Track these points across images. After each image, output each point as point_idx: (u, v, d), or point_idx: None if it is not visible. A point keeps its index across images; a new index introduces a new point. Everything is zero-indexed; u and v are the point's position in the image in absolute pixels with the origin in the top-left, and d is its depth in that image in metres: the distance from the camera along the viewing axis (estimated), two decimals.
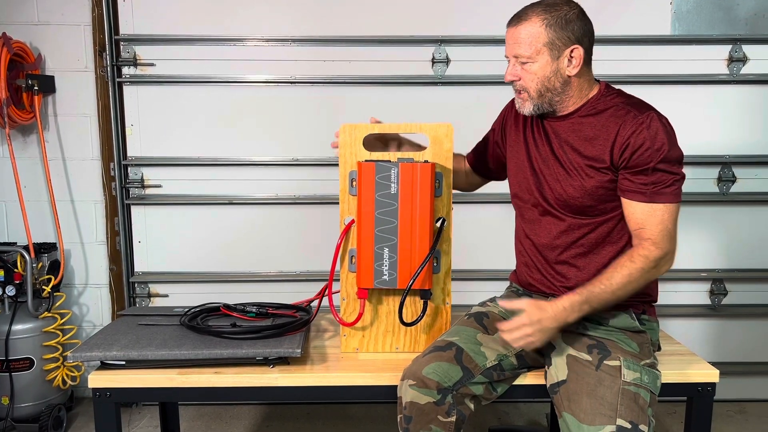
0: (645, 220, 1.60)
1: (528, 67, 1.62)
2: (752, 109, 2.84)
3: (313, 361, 1.80)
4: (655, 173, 1.58)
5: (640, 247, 1.59)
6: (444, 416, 1.56)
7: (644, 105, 1.64)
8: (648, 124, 1.58)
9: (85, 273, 2.97)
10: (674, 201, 1.60)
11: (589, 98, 1.68)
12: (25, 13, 2.78)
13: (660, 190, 1.59)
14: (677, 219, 1.61)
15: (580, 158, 1.65)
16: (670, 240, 1.59)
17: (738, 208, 2.92)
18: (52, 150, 2.86)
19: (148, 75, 2.81)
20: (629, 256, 1.59)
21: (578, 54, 1.61)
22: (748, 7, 2.79)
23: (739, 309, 2.96)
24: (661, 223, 1.58)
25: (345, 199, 1.84)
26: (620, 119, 1.61)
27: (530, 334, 1.53)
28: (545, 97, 1.65)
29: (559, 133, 1.70)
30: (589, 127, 1.65)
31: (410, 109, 2.81)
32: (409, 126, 1.83)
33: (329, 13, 2.78)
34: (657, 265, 1.58)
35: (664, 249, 1.58)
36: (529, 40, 1.60)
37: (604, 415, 1.48)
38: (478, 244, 2.80)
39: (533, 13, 1.60)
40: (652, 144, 1.57)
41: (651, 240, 1.58)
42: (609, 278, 1.57)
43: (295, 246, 2.91)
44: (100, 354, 1.71)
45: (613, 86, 1.71)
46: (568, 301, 1.55)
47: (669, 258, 1.60)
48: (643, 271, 1.57)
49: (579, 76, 1.64)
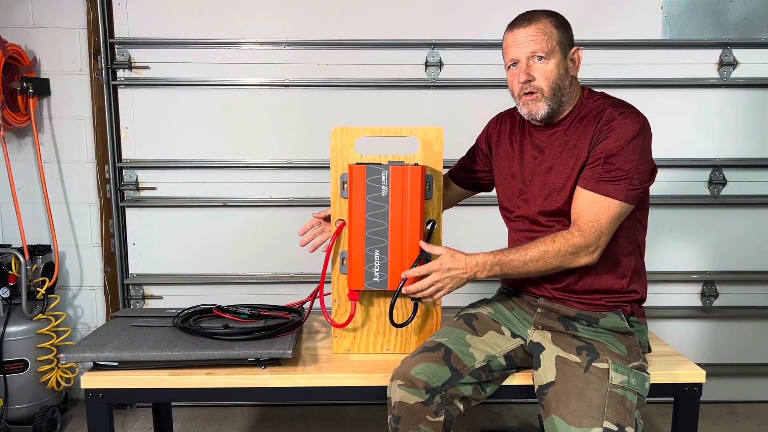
0: (582, 208, 1.61)
1: (544, 64, 1.64)
2: (743, 112, 2.87)
3: (305, 362, 1.82)
4: (607, 164, 1.59)
5: (566, 231, 1.61)
6: (432, 416, 1.58)
7: (625, 104, 1.67)
8: (620, 118, 1.60)
9: (80, 275, 2.98)
10: (616, 197, 1.58)
11: (576, 103, 1.71)
12: (20, 16, 2.79)
13: (605, 181, 1.59)
14: (615, 218, 1.60)
15: (566, 167, 1.68)
16: (597, 234, 1.59)
17: (729, 211, 2.94)
18: (46, 152, 2.87)
19: (143, 78, 2.83)
20: (552, 236, 1.62)
21: (580, 55, 1.68)
22: (739, 11, 2.81)
23: (731, 311, 2.98)
24: (594, 215, 1.59)
25: (336, 202, 1.86)
26: (599, 116, 1.64)
27: (439, 281, 1.64)
28: (557, 96, 1.66)
29: (545, 141, 1.73)
30: (574, 132, 1.68)
31: (403, 112, 2.83)
32: (400, 129, 1.85)
33: (323, 17, 2.80)
34: (575, 252, 1.59)
35: (587, 240, 1.59)
36: (546, 38, 1.63)
37: (592, 417, 1.49)
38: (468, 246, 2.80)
39: (540, 15, 1.65)
40: (616, 137, 1.58)
41: (578, 227, 1.60)
42: (525, 249, 1.62)
43: (289, 248, 2.91)
44: (93, 355, 1.73)
45: (595, 90, 1.75)
46: (482, 259, 1.64)
47: (591, 251, 1.60)
48: (559, 254, 1.59)
49: (576, 79, 1.70)
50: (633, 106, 1.66)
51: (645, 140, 1.60)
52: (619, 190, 1.58)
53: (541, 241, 1.63)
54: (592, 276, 1.69)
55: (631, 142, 1.58)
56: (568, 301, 1.71)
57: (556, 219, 1.70)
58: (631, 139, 1.58)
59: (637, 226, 1.73)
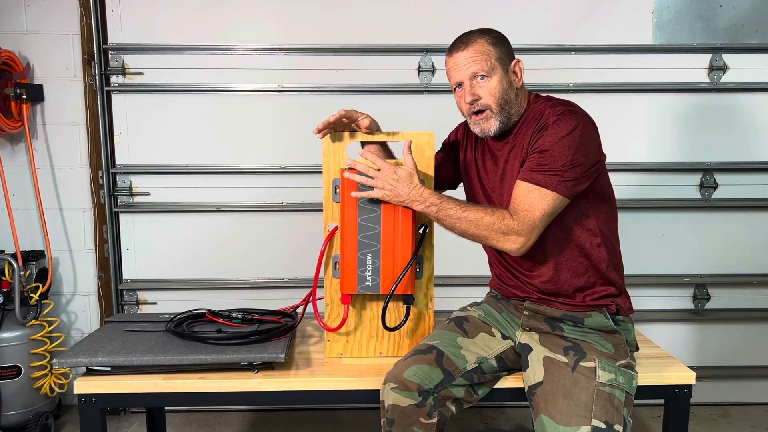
0: (518, 196, 1.63)
1: (487, 83, 1.68)
2: (732, 116, 2.89)
3: (298, 366, 1.82)
4: (543, 156, 1.61)
5: (506, 211, 1.63)
6: (425, 418, 1.59)
7: (566, 103, 1.69)
8: (559, 116, 1.62)
9: (74, 281, 2.98)
10: (549, 188, 1.59)
11: (524, 111, 1.74)
12: (13, 22, 2.80)
13: (539, 172, 1.60)
14: (549, 210, 1.60)
15: (515, 171, 1.70)
16: (529, 224, 1.60)
17: (720, 214, 2.96)
18: (40, 158, 2.87)
19: (137, 84, 2.84)
20: (494, 208, 1.65)
21: (521, 67, 1.72)
22: (728, 16, 2.84)
23: (723, 313, 3.00)
24: (529, 205, 1.60)
25: (329, 206, 1.87)
26: (540, 115, 1.68)
27: (382, 179, 1.69)
28: (505, 110, 1.70)
29: (500, 152, 1.77)
30: (522, 137, 1.72)
31: (396, 116, 2.80)
32: (392, 134, 1.86)
33: (316, 23, 2.81)
34: (505, 232, 1.61)
35: (519, 226, 1.60)
36: (484, 57, 1.67)
37: (580, 415, 1.51)
38: (460, 250, 2.81)
39: (476, 36, 1.70)
40: (553, 132, 1.61)
41: (514, 211, 1.62)
42: (466, 207, 1.65)
43: (282, 253, 2.93)
44: (86, 360, 1.73)
45: (541, 95, 1.78)
46: (427, 194, 1.68)
47: (518, 239, 1.61)
48: (492, 227, 1.61)
49: (521, 89, 1.73)
50: (574, 105, 1.68)
51: (582, 136, 1.61)
52: (551, 181, 1.59)
53: (483, 208, 1.66)
54: (567, 272, 1.70)
55: (566, 137, 1.59)
56: (552, 303, 1.73)
57: None
58: (567, 134, 1.60)
59: (601, 216, 1.72)
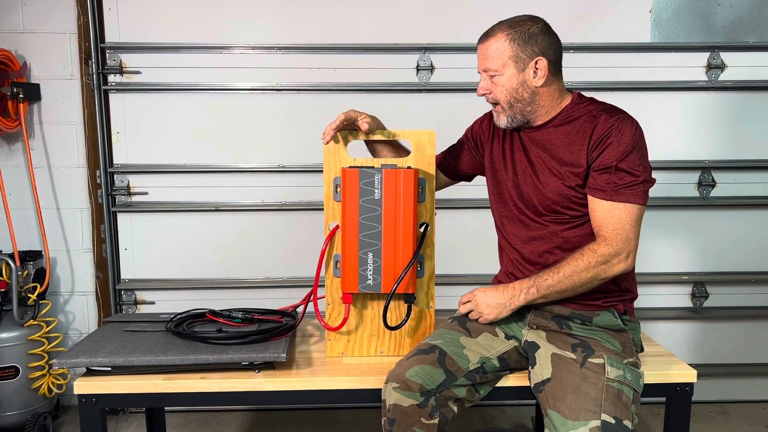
0: (603, 218, 1.64)
1: (496, 80, 1.70)
2: (731, 115, 2.90)
3: (299, 366, 1.82)
4: (618, 172, 1.62)
5: (593, 243, 1.64)
6: (427, 418, 1.58)
7: (616, 109, 1.70)
8: (617, 125, 1.63)
9: (71, 281, 2.96)
10: (635, 202, 1.62)
11: (563, 108, 1.73)
12: (10, 21, 2.78)
13: (621, 189, 1.62)
14: (638, 221, 1.64)
15: (558, 165, 1.70)
16: (624, 240, 1.62)
17: (718, 212, 2.96)
18: (37, 158, 2.86)
19: (134, 83, 2.82)
20: (581, 250, 1.64)
21: (542, 65, 1.67)
22: (726, 15, 2.85)
23: (721, 311, 3.01)
24: (618, 222, 1.62)
25: (330, 205, 1.86)
26: (593, 122, 1.67)
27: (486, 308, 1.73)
28: (516, 107, 1.71)
29: (536, 142, 1.75)
30: (564, 134, 1.70)
31: (395, 115, 2.80)
32: (392, 133, 1.86)
33: (315, 21, 2.81)
34: (606, 261, 1.62)
35: (616, 247, 1.61)
36: (496, 55, 1.67)
37: (589, 410, 1.50)
38: (461, 249, 2.83)
39: (499, 30, 1.69)
40: (618, 144, 1.62)
41: (603, 237, 1.63)
42: (557, 268, 1.65)
43: (282, 252, 2.92)
44: (86, 360, 1.72)
45: (585, 95, 1.77)
46: (518, 285, 1.70)
47: (623, 258, 1.63)
48: (590, 266, 1.61)
49: (548, 87, 1.70)
50: (623, 110, 1.69)
51: (642, 140, 1.66)
52: (636, 194, 1.62)
53: (571, 257, 1.65)
54: None
55: (635, 146, 1.62)
56: (562, 302, 1.73)
57: (549, 216, 1.73)
58: (635, 143, 1.62)
59: None
